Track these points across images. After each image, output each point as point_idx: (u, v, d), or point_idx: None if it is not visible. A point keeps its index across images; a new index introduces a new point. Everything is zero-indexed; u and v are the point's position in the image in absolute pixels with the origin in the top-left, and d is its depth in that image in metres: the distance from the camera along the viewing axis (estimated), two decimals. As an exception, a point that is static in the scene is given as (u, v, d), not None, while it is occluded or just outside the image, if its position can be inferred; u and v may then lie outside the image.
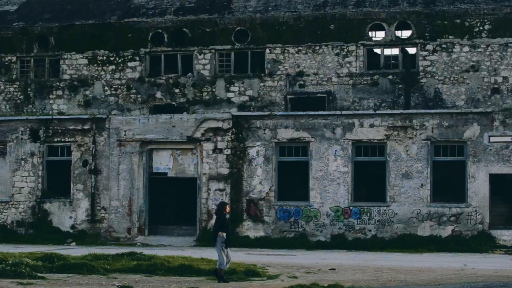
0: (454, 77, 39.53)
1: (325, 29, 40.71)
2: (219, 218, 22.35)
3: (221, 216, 22.31)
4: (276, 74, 41.06)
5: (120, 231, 38.12)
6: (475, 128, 35.70)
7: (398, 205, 36.00)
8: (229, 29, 41.64)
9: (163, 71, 42.42)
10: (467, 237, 35.35)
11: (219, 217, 22.40)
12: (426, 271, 25.88)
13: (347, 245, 35.77)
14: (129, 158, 38.18)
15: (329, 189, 36.55)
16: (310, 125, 36.86)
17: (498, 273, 25.57)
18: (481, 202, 35.52)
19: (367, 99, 40.22)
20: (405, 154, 36.07)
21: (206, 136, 37.49)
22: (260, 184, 37.16)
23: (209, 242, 36.27)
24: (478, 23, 39.50)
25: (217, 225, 22.12)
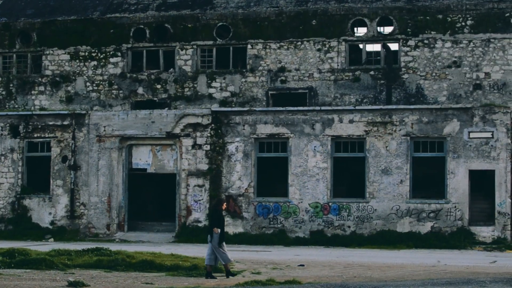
0: (436, 72, 38.94)
1: (307, 24, 40.14)
2: (216, 214, 21.90)
3: (217, 213, 21.88)
4: (258, 69, 40.51)
5: (99, 227, 37.59)
6: (455, 124, 35.08)
7: (377, 201, 35.42)
8: (211, 25, 41.09)
9: (145, 67, 41.90)
10: (447, 233, 34.75)
11: (215, 214, 21.95)
12: (396, 267, 25.31)
13: (326, 241, 35.19)
14: (109, 154, 37.64)
15: (308, 185, 35.97)
16: (290, 120, 36.28)
17: (469, 269, 24.98)
18: (460, 198, 34.92)
19: (348, 95, 39.64)
20: (385, 150, 35.48)
21: (185, 131, 36.95)
22: (239, 180, 36.60)
23: (188, 238, 36.07)
24: (460, 18, 38.90)
25: (214, 222, 21.67)
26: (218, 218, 21.76)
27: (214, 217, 21.86)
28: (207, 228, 36.10)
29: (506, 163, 34.76)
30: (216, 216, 21.80)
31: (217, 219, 21.72)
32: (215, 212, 21.99)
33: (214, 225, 21.53)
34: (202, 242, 35.36)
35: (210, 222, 21.90)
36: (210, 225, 21.84)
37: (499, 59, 38.47)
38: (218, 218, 21.76)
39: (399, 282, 19.71)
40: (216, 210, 22.07)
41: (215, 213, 21.96)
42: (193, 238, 36.02)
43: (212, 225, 21.63)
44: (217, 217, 21.76)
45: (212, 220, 21.80)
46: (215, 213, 21.96)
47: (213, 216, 21.94)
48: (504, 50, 38.44)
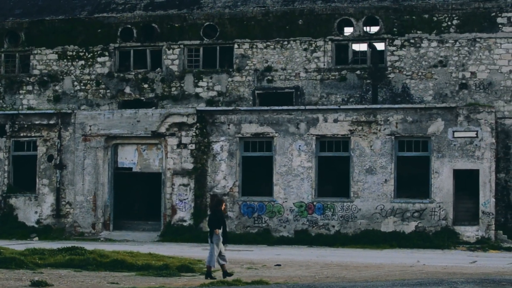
0: (422, 72, 38.49)
1: (293, 24, 39.70)
2: (216, 215, 21.49)
3: (217, 213, 21.51)
4: (244, 69, 40.09)
5: (84, 226, 37.22)
6: (439, 123, 34.67)
7: (361, 201, 35.01)
8: (198, 24, 40.68)
9: (132, 66, 41.49)
10: (431, 233, 34.33)
11: (215, 214, 21.55)
12: (374, 267, 24.92)
13: (310, 241, 34.78)
14: (94, 153, 37.27)
15: (293, 185, 35.57)
16: (274, 120, 35.89)
17: (446, 269, 24.59)
18: (445, 197, 34.50)
19: (335, 94, 39.21)
20: (369, 150, 35.07)
21: (170, 131, 36.57)
22: (224, 179, 36.21)
23: (173, 237, 35.72)
24: (446, 18, 38.45)
25: (214, 222, 21.27)
26: (218, 219, 21.39)
27: (214, 217, 21.49)
28: (193, 227, 36.13)
29: (491, 163, 34.34)
30: (216, 217, 21.44)
31: (217, 219, 21.36)
32: (215, 213, 21.63)
33: (214, 226, 21.14)
34: (187, 241, 35.21)
35: (211, 223, 21.46)
36: (210, 226, 21.39)
37: (485, 58, 38.02)
38: (218, 219, 21.39)
39: (370, 283, 19.29)
40: (216, 211, 21.69)
41: (215, 213, 21.61)
42: (177, 237, 35.66)
43: (212, 226, 21.22)
44: (218, 218, 21.40)
45: (213, 221, 21.40)
46: (215, 213, 21.61)
47: (214, 217, 21.56)
48: (490, 50, 37.99)
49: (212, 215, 21.71)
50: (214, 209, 21.79)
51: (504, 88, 37.92)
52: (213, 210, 21.90)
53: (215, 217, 21.46)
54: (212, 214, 21.83)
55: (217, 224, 21.25)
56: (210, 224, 21.42)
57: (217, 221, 21.33)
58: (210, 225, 21.41)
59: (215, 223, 21.24)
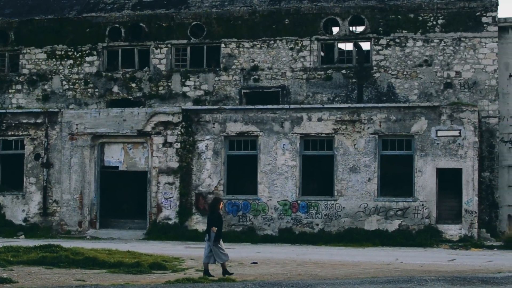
0: (407, 71, 38.21)
1: (279, 23, 39.44)
2: (213, 214, 21.28)
3: (215, 212, 21.30)
4: (231, 68, 39.83)
5: (71, 224, 36.97)
6: (422, 122, 34.36)
7: (345, 199, 34.72)
8: (185, 24, 40.43)
9: (120, 66, 41.24)
10: (414, 231, 34.03)
11: (213, 213, 21.32)
12: (350, 265, 24.62)
13: (294, 239, 34.49)
14: (81, 152, 37.02)
15: (277, 183, 35.29)
16: (259, 119, 35.61)
17: (422, 267, 24.28)
18: (428, 196, 34.20)
19: (321, 93, 38.93)
20: (353, 148, 34.77)
21: (156, 130, 36.31)
22: (209, 177, 35.94)
23: (158, 235, 35.46)
24: (432, 17, 38.16)
25: (212, 221, 21.05)
26: (216, 217, 21.19)
27: (212, 216, 21.29)
28: (178, 226, 35.87)
29: (474, 162, 34.03)
30: (214, 216, 21.23)
31: (215, 218, 21.15)
32: (213, 212, 21.42)
33: (212, 225, 20.94)
34: (172, 239, 34.95)
35: (208, 221, 21.23)
36: (208, 224, 21.17)
37: (470, 58, 37.73)
38: (216, 217, 21.19)
39: (339, 280, 19.02)
40: (213, 210, 21.49)
41: (213, 212, 21.40)
42: (162, 235, 35.42)
43: (210, 224, 21.03)
44: (215, 217, 21.20)
45: (210, 220, 21.19)
46: (213, 212, 21.40)
47: (211, 216, 21.34)
48: (474, 49, 37.71)
49: (210, 214, 21.50)
50: (212, 208, 21.61)
51: (489, 88, 37.63)
52: (211, 209, 21.71)
53: (213, 216, 21.28)
54: (209, 213, 21.65)
55: (214, 222, 21.09)
56: (208, 223, 21.29)
57: (214, 219, 21.17)
58: (208, 224, 21.26)
59: (212, 222, 21.11)
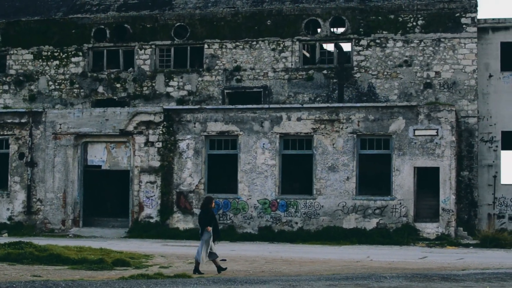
0: (388, 71, 37.96)
1: (262, 24, 39.23)
2: (207, 212, 21.17)
3: (208, 211, 21.21)
4: (214, 69, 39.61)
5: (54, 223, 36.78)
6: (400, 121, 34.11)
7: (324, 198, 34.47)
8: (169, 25, 40.22)
9: (105, 66, 41.04)
10: (391, 229, 33.77)
11: (206, 212, 21.21)
12: (319, 262, 24.38)
13: (273, 237, 34.25)
14: (64, 151, 36.83)
15: (257, 182, 35.06)
16: (239, 118, 35.39)
17: (390, 265, 24.06)
18: (405, 195, 33.94)
19: (302, 93, 38.69)
20: (332, 148, 34.53)
21: (138, 129, 36.12)
22: (190, 176, 35.72)
23: (140, 234, 35.26)
24: (412, 18, 37.90)
25: (206, 220, 20.96)
26: (210, 216, 21.12)
27: (205, 216, 21.19)
28: (159, 224, 35.63)
29: (451, 160, 33.78)
30: (207, 215, 21.14)
31: (208, 217, 21.08)
32: (206, 211, 21.32)
33: (206, 224, 20.86)
34: (153, 237, 34.74)
35: (202, 220, 21.14)
36: (202, 224, 21.08)
37: (449, 58, 37.46)
38: (210, 216, 21.12)
39: (296, 277, 18.78)
40: (206, 209, 21.38)
41: (206, 211, 21.30)
42: (144, 233, 35.22)
43: (204, 223, 20.94)
44: (209, 215, 21.13)
45: (203, 218, 21.11)
46: (206, 211, 21.30)
47: (204, 215, 21.24)
48: (454, 50, 37.44)
49: (203, 213, 21.40)
50: (205, 208, 21.49)
51: (468, 88, 37.36)
52: (203, 209, 21.59)
53: (206, 215, 21.19)
54: (202, 213, 21.51)
55: (208, 222, 20.99)
56: (201, 222, 21.17)
57: (208, 219, 21.07)
58: (201, 223, 21.15)
59: (206, 221, 20.99)
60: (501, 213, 38.27)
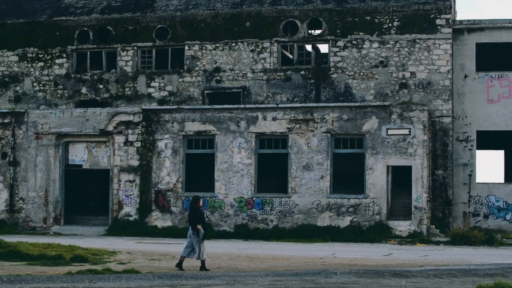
0: (364, 72, 37.82)
1: (241, 26, 39.12)
2: (196, 212, 21.18)
3: (196, 210, 21.22)
4: (194, 70, 39.52)
5: (36, 221, 36.73)
6: (373, 121, 33.98)
7: (299, 196, 34.36)
8: (151, 27, 40.13)
9: (89, 68, 40.98)
10: (365, 227, 33.63)
11: (194, 211, 21.21)
12: (281, 259, 24.29)
13: (249, 235, 34.12)
14: (46, 151, 36.78)
15: (233, 181, 34.96)
16: (216, 118, 35.29)
17: (352, 261, 23.97)
18: (378, 193, 33.81)
19: (280, 94, 38.58)
20: (306, 147, 34.41)
21: (118, 129, 36.05)
22: (168, 175, 35.63)
23: (119, 231, 35.22)
24: (387, 20, 37.76)
25: (194, 219, 20.95)
26: (198, 215, 21.13)
27: (193, 214, 21.18)
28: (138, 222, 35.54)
29: (423, 159, 33.63)
30: (196, 213, 21.14)
31: (197, 216, 21.08)
32: (194, 210, 21.32)
33: (195, 223, 20.86)
34: (132, 235, 34.67)
35: (191, 219, 21.14)
36: (191, 222, 21.05)
37: (424, 59, 37.31)
38: (198, 215, 21.13)
39: (247, 273, 18.68)
40: (195, 208, 21.38)
41: (194, 210, 21.31)
42: (123, 231, 35.15)
43: (193, 222, 20.92)
44: (198, 214, 21.13)
45: (192, 217, 21.10)
46: (194, 210, 21.31)
47: (193, 214, 21.22)
48: (429, 50, 37.28)
49: (191, 212, 21.38)
50: (193, 207, 21.48)
51: (443, 88, 37.21)
52: (191, 208, 21.57)
53: (195, 214, 21.18)
54: (191, 212, 21.49)
55: (197, 220, 21.00)
56: (190, 221, 21.18)
57: (196, 217, 21.07)
58: (191, 222, 21.15)
59: (195, 220, 21.00)
60: (476, 211, 38.09)
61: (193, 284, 15.81)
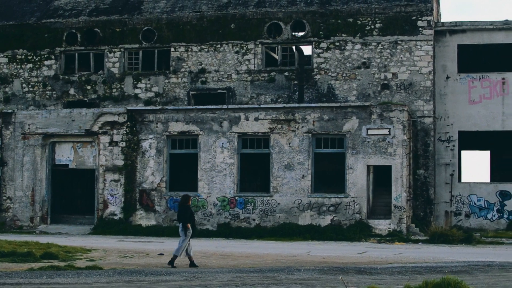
0: (346, 73, 37.71)
1: (226, 28, 39.04)
2: (186, 210, 21.37)
3: (187, 208, 21.42)
4: (180, 71, 39.46)
5: (23, 220, 36.66)
6: (354, 121, 33.86)
7: (280, 196, 34.24)
8: (137, 29, 40.09)
9: (76, 69, 40.94)
10: (345, 226, 33.50)
11: (185, 209, 21.41)
12: (254, 257, 24.19)
13: (231, 233, 34.01)
14: (33, 151, 36.72)
15: (216, 180, 34.86)
16: (199, 118, 35.21)
17: (324, 259, 23.84)
18: (359, 192, 33.68)
19: (264, 94, 38.49)
20: (288, 147, 34.31)
21: (103, 129, 35.97)
22: (152, 175, 35.54)
23: (103, 230, 35.13)
24: (370, 21, 37.66)
25: (186, 217, 21.17)
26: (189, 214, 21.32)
27: (184, 212, 21.36)
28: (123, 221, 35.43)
29: (402, 159, 33.49)
30: (186, 212, 21.32)
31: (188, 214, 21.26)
32: (184, 208, 21.50)
33: (186, 221, 21.06)
34: (116, 233, 34.59)
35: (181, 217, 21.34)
36: (181, 220, 21.25)
37: (406, 60, 37.20)
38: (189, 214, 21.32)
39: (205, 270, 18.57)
40: (185, 207, 21.55)
41: (184, 209, 21.49)
42: (107, 230, 35.08)
43: (184, 221, 21.13)
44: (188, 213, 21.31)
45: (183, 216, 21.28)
46: (184, 209, 21.49)
47: (184, 212, 21.40)
48: (410, 52, 37.18)
49: (182, 210, 21.51)
50: (183, 206, 21.61)
51: (424, 88, 37.10)
52: (182, 207, 21.71)
53: (186, 212, 21.33)
54: (181, 210, 21.61)
55: (188, 219, 21.13)
56: (181, 219, 21.29)
57: (187, 216, 21.20)
58: (181, 220, 21.27)
59: (185, 218, 21.13)
60: (458, 210, 37.99)
61: (151, 280, 15.71)
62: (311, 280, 17.42)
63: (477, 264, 22.08)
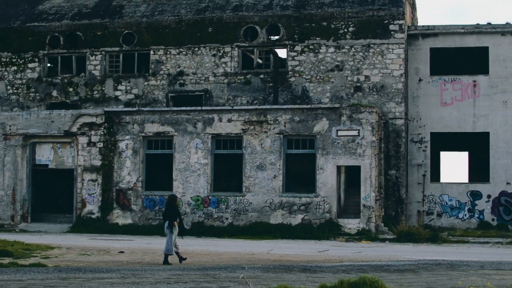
0: (320, 76, 37.56)
1: (203, 31, 38.94)
2: (173, 209, 21.50)
3: (174, 208, 21.52)
4: (159, 73, 39.37)
5: (4, 218, 36.62)
6: (324, 122, 33.71)
7: (252, 195, 34.11)
8: (118, 32, 40.01)
9: (59, 71, 40.89)
10: (315, 225, 33.35)
11: (171, 209, 21.52)
12: (213, 255, 24.15)
13: (205, 232, 33.88)
14: (13, 151, 36.69)
15: (191, 180, 34.76)
16: (174, 120, 35.11)
17: (281, 257, 23.82)
18: (329, 192, 33.53)
19: (240, 96, 38.37)
20: (260, 147, 34.18)
21: (81, 130, 35.91)
22: (128, 175, 35.47)
23: (81, 228, 35.07)
24: (343, 25, 37.49)
25: (171, 216, 21.31)
26: (174, 213, 21.39)
27: (170, 212, 21.48)
28: (100, 219, 35.34)
29: (371, 159, 33.33)
30: (173, 211, 21.43)
31: (174, 213, 21.36)
32: (171, 208, 21.60)
33: (172, 219, 21.24)
34: (94, 232, 34.55)
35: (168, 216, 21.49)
36: (169, 219, 21.40)
37: (378, 63, 37.02)
38: (174, 213, 21.39)
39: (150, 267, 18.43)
40: (171, 206, 21.63)
41: (171, 208, 21.58)
42: (85, 228, 35.01)
43: (171, 219, 21.30)
44: (174, 212, 21.40)
45: (169, 215, 21.42)
46: (171, 208, 21.58)
47: (170, 211, 21.53)
48: (383, 55, 37.00)
49: (169, 210, 21.64)
50: (170, 205, 21.74)
51: (396, 91, 36.91)
52: (168, 206, 21.85)
53: (172, 211, 21.46)
54: (168, 209, 21.73)
55: (173, 217, 21.23)
56: (167, 218, 21.45)
57: (173, 214, 21.30)
58: (168, 218, 21.43)
59: (171, 217, 21.28)
60: (430, 210, 37.82)
61: (87, 277, 15.61)
62: (251, 278, 17.27)
63: (427, 262, 21.91)
